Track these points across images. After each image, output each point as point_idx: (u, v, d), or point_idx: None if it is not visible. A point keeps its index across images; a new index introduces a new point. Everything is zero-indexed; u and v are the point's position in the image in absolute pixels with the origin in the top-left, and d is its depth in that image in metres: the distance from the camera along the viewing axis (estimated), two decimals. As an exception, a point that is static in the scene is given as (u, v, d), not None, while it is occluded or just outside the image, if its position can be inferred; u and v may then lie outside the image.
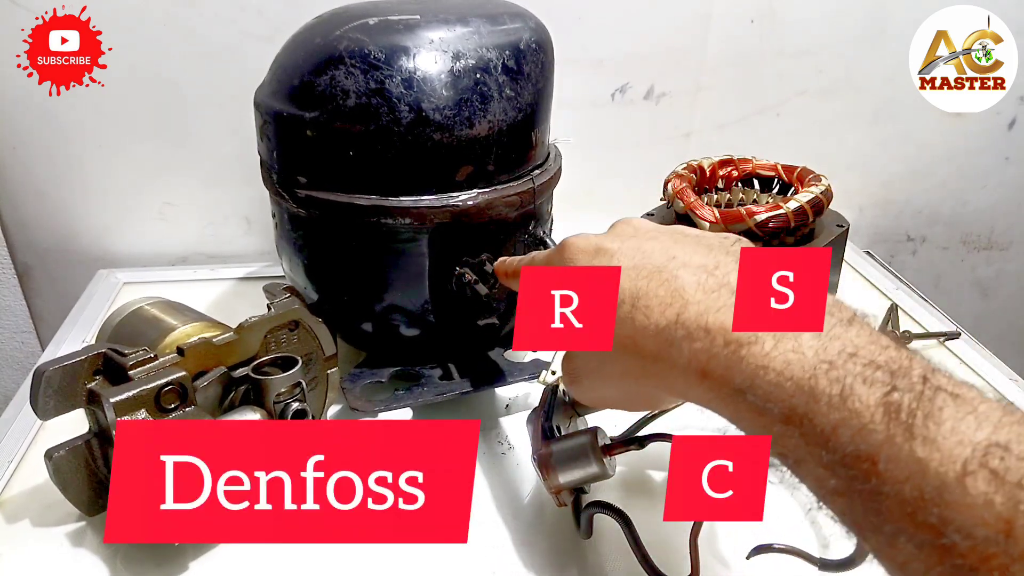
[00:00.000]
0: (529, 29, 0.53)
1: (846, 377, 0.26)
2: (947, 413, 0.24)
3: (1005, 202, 0.96)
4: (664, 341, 0.31)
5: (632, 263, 0.34)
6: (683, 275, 0.32)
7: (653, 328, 0.31)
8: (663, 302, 0.31)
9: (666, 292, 0.32)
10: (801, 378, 0.27)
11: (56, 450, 0.42)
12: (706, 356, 0.30)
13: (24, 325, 0.83)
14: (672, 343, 0.31)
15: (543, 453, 0.41)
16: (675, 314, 0.31)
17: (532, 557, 0.44)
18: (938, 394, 0.25)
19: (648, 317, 0.32)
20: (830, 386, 0.26)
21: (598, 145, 0.81)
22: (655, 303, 0.32)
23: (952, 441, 0.24)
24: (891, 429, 0.24)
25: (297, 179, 0.52)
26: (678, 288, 0.31)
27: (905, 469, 0.24)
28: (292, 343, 0.49)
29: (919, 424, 0.24)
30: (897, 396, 0.25)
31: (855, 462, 0.25)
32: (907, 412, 0.25)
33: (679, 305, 0.31)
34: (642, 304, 0.32)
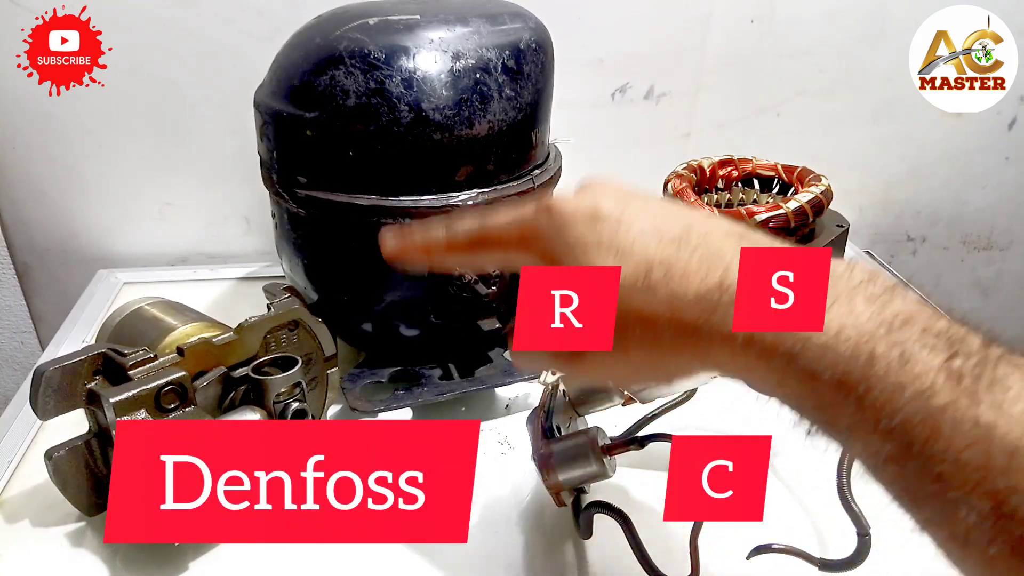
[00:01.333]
0: (529, 29, 0.53)
1: (906, 342, 0.25)
2: (1012, 381, 0.24)
3: (1005, 202, 0.96)
4: (706, 308, 0.29)
5: (647, 226, 0.31)
6: (715, 240, 0.30)
7: (693, 295, 0.29)
8: (700, 267, 0.29)
9: (701, 257, 0.30)
10: (859, 341, 0.26)
11: (56, 450, 0.42)
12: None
13: (24, 325, 0.83)
14: (716, 309, 0.29)
15: (543, 453, 0.41)
16: (718, 279, 0.29)
17: (532, 557, 0.44)
18: (1000, 362, 0.24)
19: (686, 284, 0.29)
20: (889, 350, 0.25)
21: (598, 145, 0.81)
22: (692, 269, 0.29)
23: (1020, 407, 0.23)
24: (954, 394, 0.24)
25: (297, 179, 0.52)
26: (714, 253, 0.30)
27: (970, 434, 0.23)
28: (292, 343, 0.49)
29: (983, 389, 0.23)
30: (959, 362, 0.24)
31: (916, 428, 0.24)
32: (971, 377, 0.24)
33: (721, 269, 0.29)
34: (677, 271, 0.30)
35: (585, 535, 0.43)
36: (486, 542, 0.45)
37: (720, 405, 0.52)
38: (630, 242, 0.31)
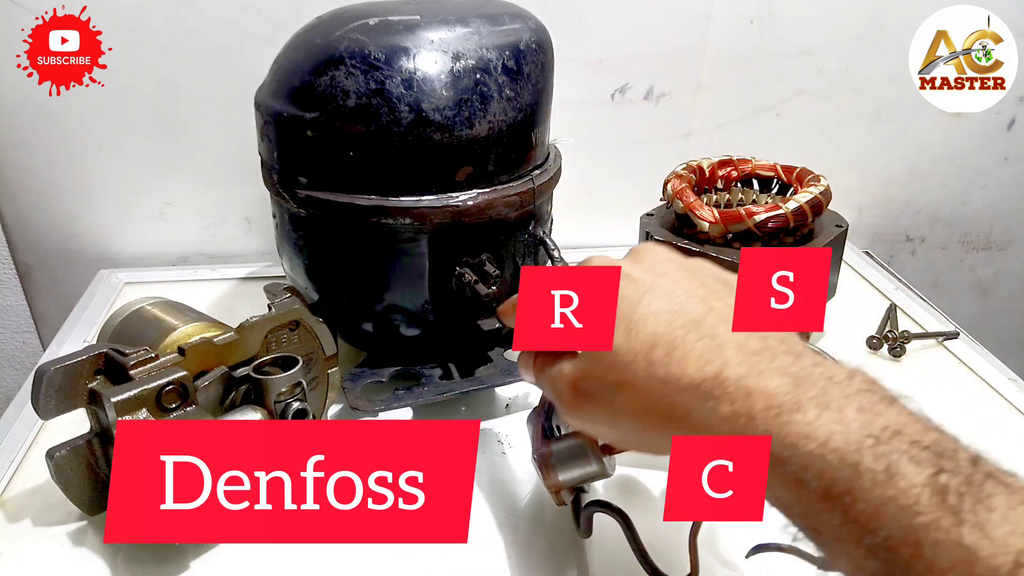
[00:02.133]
0: (529, 29, 0.53)
1: (892, 454, 0.25)
2: (998, 501, 0.23)
3: (1004, 202, 0.96)
4: (699, 397, 0.30)
5: (667, 307, 0.32)
6: (723, 333, 0.31)
7: (688, 381, 0.30)
8: (702, 356, 0.30)
9: (705, 347, 0.30)
10: (846, 451, 0.25)
11: (57, 450, 0.42)
12: (745, 419, 0.28)
13: (25, 325, 0.83)
14: (707, 400, 0.29)
15: (543, 452, 0.41)
16: (715, 371, 0.29)
17: (532, 557, 0.44)
18: (988, 480, 0.24)
19: (684, 368, 0.30)
20: (875, 462, 0.25)
21: (598, 145, 0.81)
22: (693, 355, 0.30)
23: (1004, 530, 0.22)
24: (938, 512, 0.23)
25: (297, 179, 0.52)
26: (719, 345, 0.30)
27: (952, 556, 0.23)
28: (293, 343, 0.49)
29: (968, 509, 0.23)
30: (945, 478, 0.24)
31: (898, 545, 0.24)
32: (955, 495, 0.23)
33: (719, 363, 0.30)
34: (678, 354, 0.30)
35: (585, 535, 0.43)
36: (486, 542, 0.45)
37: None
38: (641, 318, 0.32)
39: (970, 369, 0.63)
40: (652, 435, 0.33)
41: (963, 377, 0.62)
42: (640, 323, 0.32)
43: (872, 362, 0.64)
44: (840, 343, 0.66)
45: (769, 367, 0.29)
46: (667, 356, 0.31)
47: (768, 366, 0.29)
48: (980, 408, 0.58)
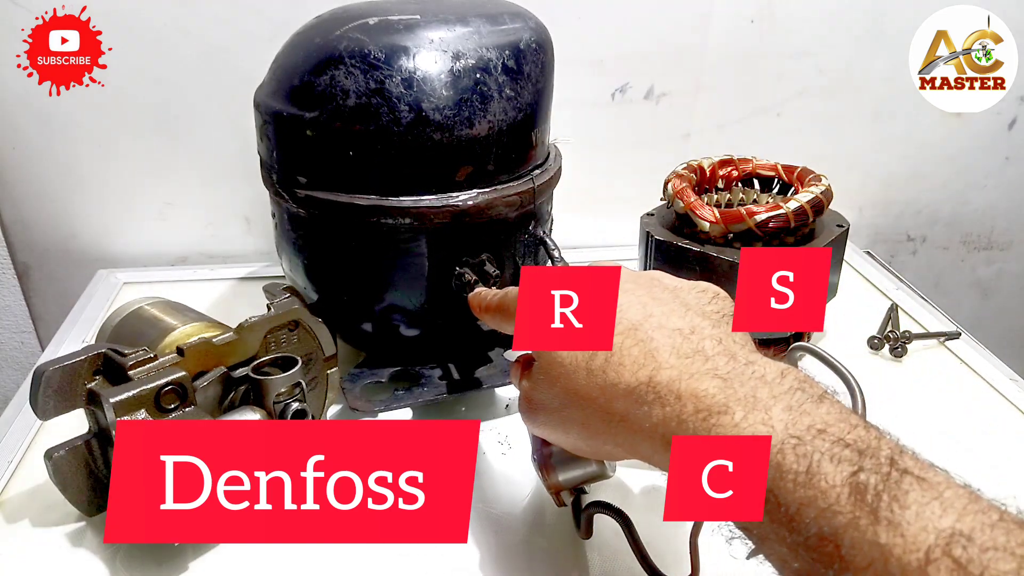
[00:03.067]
0: (529, 29, 0.53)
1: (813, 454, 0.26)
2: (912, 497, 0.24)
3: (1005, 202, 0.96)
4: (633, 401, 0.31)
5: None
6: (658, 337, 0.32)
7: (624, 387, 0.31)
8: (636, 362, 0.31)
9: (640, 352, 0.31)
10: (778, 445, 0.26)
11: (56, 450, 0.42)
12: (675, 422, 0.29)
13: (24, 325, 0.83)
14: (641, 404, 0.30)
15: (543, 453, 0.41)
16: (647, 376, 0.30)
17: (532, 557, 0.44)
18: (904, 477, 0.25)
19: (619, 375, 0.31)
20: (797, 462, 0.26)
21: (598, 145, 0.81)
22: (628, 361, 0.31)
23: (916, 527, 0.23)
24: (856, 511, 0.24)
25: (297, 179, 0.52)
26: (652, 350, 0.31)
27: (868, 555, 0.23)
28: (292, 343, 0.49)
29: (884, 507, 0.24)
30: (864, 477, 0.25)
31: (819, 544, 0.25)
32: (873, 494, 0.24)
33: (652, 367, 0.31)
34: (615, 360, 0.32)
35: (585, 535, 0.43)
36: (486, 542, 0.45)
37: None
38: None
39: (971, 369, 0.62)
40: (597, 442, 0.34)
41: (964, 377, 0.62)
42: None
43: (873, 362, 0.64)
44: (841, 343, 0.66)
45: (700, 370, 0.30)
46: (605, 363, 0.32)
47: (699, 368, 0.30)
48: (981, 408, 0.58)
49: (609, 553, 0.44)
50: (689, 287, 0.36)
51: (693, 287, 0.36)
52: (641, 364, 0.31)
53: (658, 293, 0.35)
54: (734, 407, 0.28)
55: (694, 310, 0.33)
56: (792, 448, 0.26)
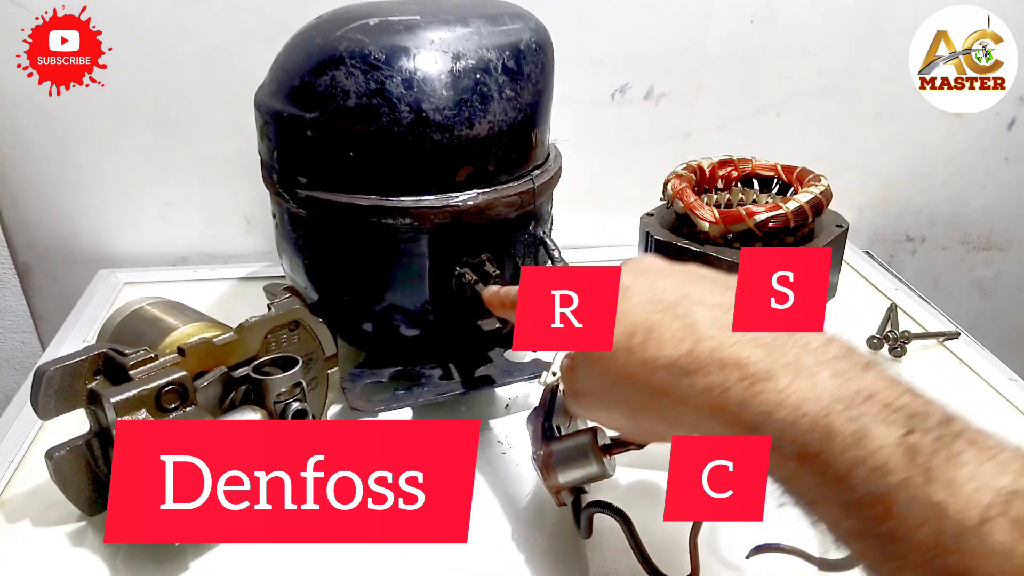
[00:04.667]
0: (529, 29, 0.53)
1: (862, 417, 0.26)
2: (967, 457, 0.24)
3: (1005, 202, 0.96)
4: (675, 374, 0.31)
5: (646, 297, 0.34)
6: (698, 311, 0.32)
7: (665, 360, 0.31)
8: (676, 336, 0.31)
9: (680, 327, 0.31)
10: (816, 415, 0.26)
11: (57, 450, 0.42)
12: (719, 391, 0.29)
13: (25, 325, 0.83)
14: (684, 376, 0.30)
15: (543, 453, 0.41)
16: (688, 348, 0.31)
17: (532, 557, 0.44)
18: (957, 439, 0.24)
19: (660, 349, 0.31)
20: (846, 425, 0.26)
21: (598, 145, 0.81)
22: (668, 336, 0.31)
23: (972, 487, 0.23)
24: (909, 471, 0.24)
25: (297, 179, 0.52)
26: (692, 323, 0.31)
27: (922, 513, 0.23)
28: (292, 343, 0.49)
29: (937, 467, 0.24)
30: (915, 438, 0.25)
31: (871, 503, 0.24)
32: (925, 455, 0.24)
33: (693, 340, 0.31)
34: (655, 336, 0.32)
35: (585, 535, 0.43)
36: (486, 542, 0.45)
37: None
38: (624, 311, 0.33)
39: (971, 369, 0.62)
40: (640, 420, 0.35)
41: (964, 377, 0.62)
42: (622, 316, 0.33)
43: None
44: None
45: (742, 339, 0.30)
46: (645, 340, 0.32)
47: (741, 338, 0.30)
48: (980, 408, 0.58)
49: (609, 553, 0.44)
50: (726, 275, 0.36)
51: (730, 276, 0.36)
52: (681, 337, 0.31)
53: (695, 278, 0.35)
54: (779, 373, 0.28)
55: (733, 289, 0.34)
56: (841, 411, 0.26)
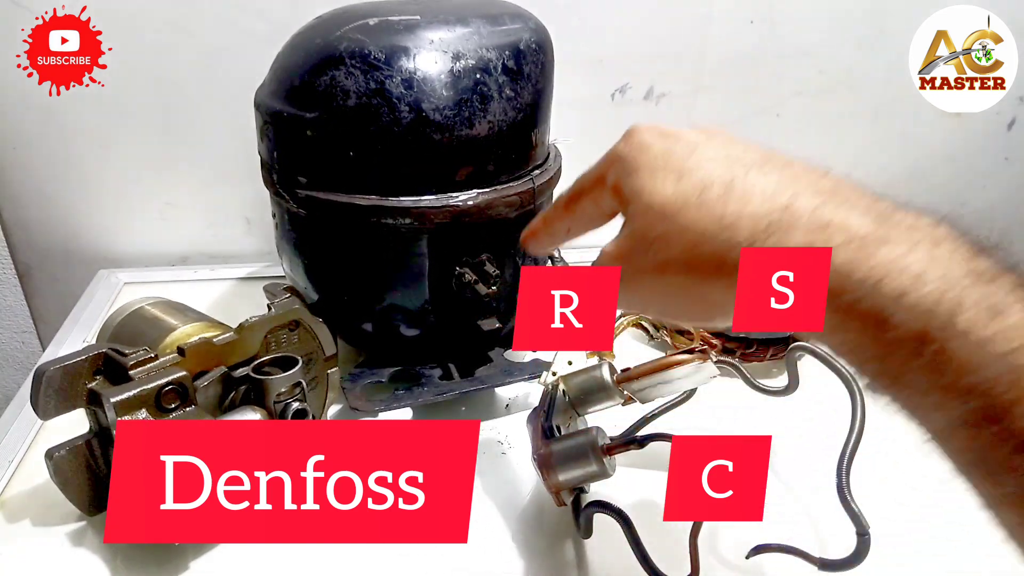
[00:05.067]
0: (529, 29, 0.53)
1: (996, 293, 0.22)
2: None
3: (1005, 202, 0.96)
4: (763, 230, 0.26)
5: (723, 153, 0.29)
6: (790, 172, 0.27)
7: (750, 216, 0.26)
8: (766, 190, 0.26)
9: (769, 183, 0.27)
10: (943, 288, 0.23)
11: (56, 450, 0.42)
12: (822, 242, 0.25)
13: (25, 325, 0.83)
14: (773, 233, 0.26)
15: (543, 453, 0.41)
16: (782, 205, 0.26)
17: (532, 557, 0.44)
18: None
19: (745, 204, 0.26)
20: (979, 299, 0.22)
21: (598, 145, 0.80)
22: (756, 191, 0.27)
23: None
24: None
25: (297, 179, 0.52)
26: (787, 181, 0.27)
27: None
28: (292, 343, 0.49)
29: None
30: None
31: (1000, 388, 0.21)
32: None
33: (787, 196, 0.26)
34: (738, 190, 0.27)
35: (585, 535, 0.43)
36: (486, 542, 0.45)
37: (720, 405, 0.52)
38: (695, 164, 0.29)
39: (970, 369, 0.62)
40: (705, 287, 0.29)
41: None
42: (694, 168, 0.28)
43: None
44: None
45: (847, 202, 0.26)
46: (725, 194, 0.27)
47: (845, 201, 0.26)
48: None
49: (609, 553, 0.44)
50: None
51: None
52: (774, 192, 0.26)
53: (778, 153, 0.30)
54: (895, 240, 0.24)
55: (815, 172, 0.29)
56: (971, 285, 0.23)
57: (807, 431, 0.50)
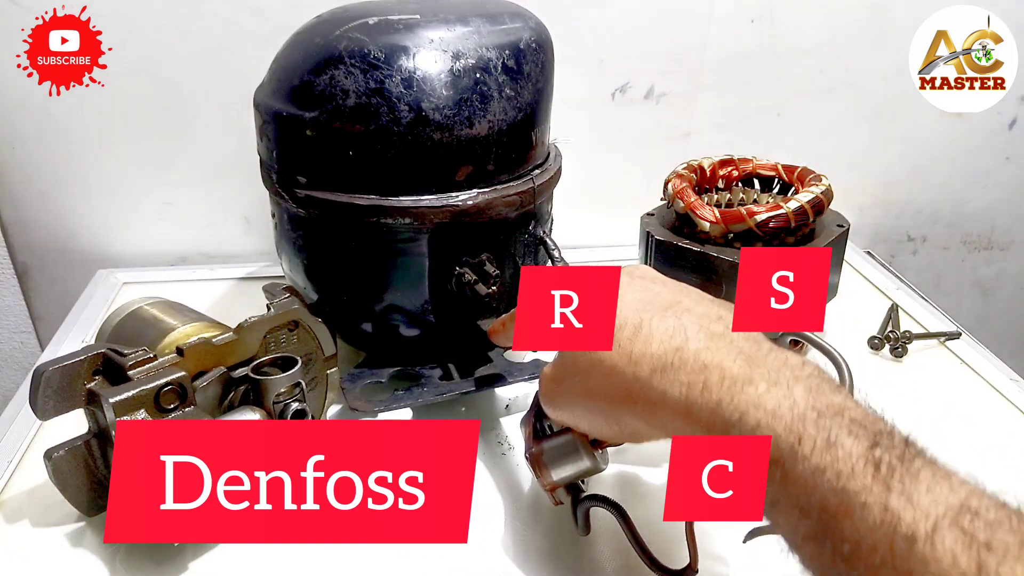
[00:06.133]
0: (529, 29, 0.53)
1: (832, 427, 0.27)
2: (924, 475, 0.26)
3: (1005, 202, 0.96)
4: (659, 368, 0.32)
5: (638, 297, 0.36)
6: (687, 318, 0.34)
7: (650, 356, 0.33)
8: (664, 335, 0.33)
9: (667, 328, 0.33)
10: (791, 420, 0.28)
11: (55, 450, 0.42)
12: (700, 387, 0.31)
13: (23, 325, 0.83)
14: (667, 371, 0.32)
15: (534, 452, 0.41)
16: (675, 347, 0.32)
17: (532, 557, 0.44)
18: (917, 458, 0.27)
19: (647, 345, 0.33)
20: (817, 432, 0.27)
21: (598, 145, 0.81)
22: (657, 334, 0.33)
23: (927, 500, 0.25)
24: (870, 480, 0.26)
25: (297, 179, 0.52)
26: (681, 326, 0.33)
27: (878, 518, 0.25)
28: (292, 343, 0.49)
29: (897, 480, 0.26)
30: (879, 452, 0.26)
31: (831, 508, 0.26)
32: (887, 467, 0.26)
33: (680, 340, 0.32)
34: (644, 333, 0.33)
35: (584, 532, 0.43)
36: (486, 542, 0.45)
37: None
38: (617, 306, 0.35)
39: (972, 369, 0.62)
40: (618, 413, 0.35)
41: (965, 377, 0.62)
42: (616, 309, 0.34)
43: (874, 362, 0.64)
44: (842, 343, 0.65)
45: (727, 347, 0.32)
46: (634, 335, 0.33)
47: (726, 345, 0.32)
48: (981, 408, 0.58)
49: (608, 552, 0.44)
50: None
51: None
52: (671, 336, 0.33)
53: (687, 289, 0.37)
54: (758, 380, 0.29)
55: (721, 305, 0.36)
56: (813, 420, 0.28)
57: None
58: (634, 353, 0.33)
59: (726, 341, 0.32)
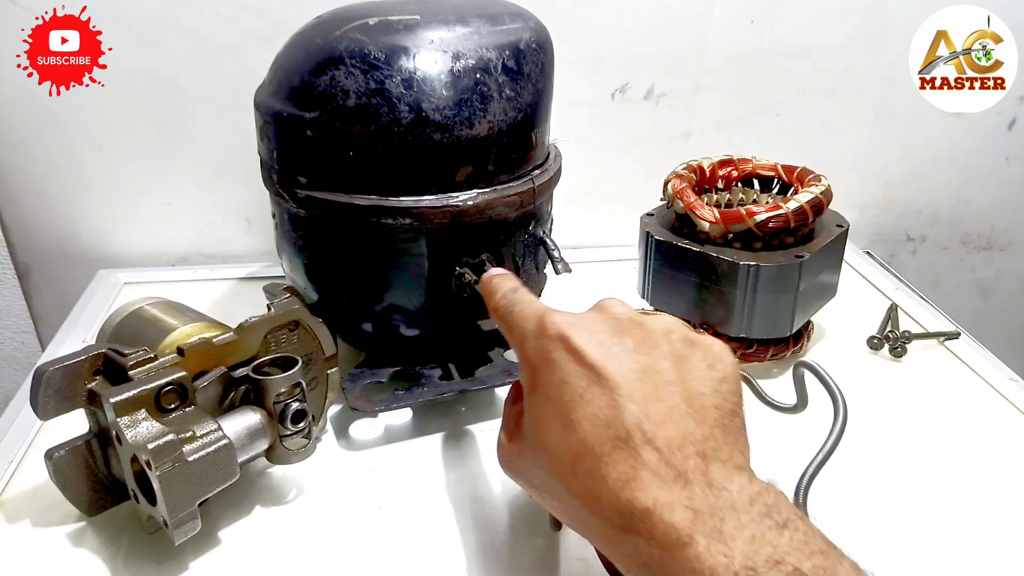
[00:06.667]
0: (529, 29, 0.53)
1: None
2: None
3: (1005, 202, 0.96)
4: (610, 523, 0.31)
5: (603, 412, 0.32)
6: (646, 453, 0.31)
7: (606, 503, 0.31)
8: (620, 477, 0.31)
9: (625, 468, 0.31)
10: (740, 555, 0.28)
11: (56, 450, 0.42)
12: (646, 552, 0.30)
13: (24, 325, 0.83)
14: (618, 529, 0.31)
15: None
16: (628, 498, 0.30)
17: (531, 556, 0.44)
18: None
19: (601, 488, 0.31)
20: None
21: (598, 145, 0.81)
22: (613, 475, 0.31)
23: None
24: None
25: (297, 179, 0.52)
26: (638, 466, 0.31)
27: None
28: (292, 343, 0.49)
29: None
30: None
31: None
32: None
33: (632, 489, 0.30)
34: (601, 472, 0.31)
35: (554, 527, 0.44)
36: (482, 542, 0.45)
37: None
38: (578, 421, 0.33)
39: (971, 369, 0.62)
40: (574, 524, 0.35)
41: (964, 377, 0.62)
42: (575, 426, 0.32)
43: (873, 362, 0.64)
44: (841, 343, 0.66)
45: (677, 499, 0.30)
46: (591, 468, 0.32)
47: (676, 498, 0.30)
48: (981, 408, 0.58)
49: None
50: (702, 355, 0.34)
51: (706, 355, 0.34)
52: (624, 482, 0.31)
53: (664, 373, 0.33)
54: (699, 539, 0.29)
55: (696, 402, 0.33)
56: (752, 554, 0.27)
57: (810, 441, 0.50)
58: (589, 492, 0.32)
59: (679, 487, 0.30)
